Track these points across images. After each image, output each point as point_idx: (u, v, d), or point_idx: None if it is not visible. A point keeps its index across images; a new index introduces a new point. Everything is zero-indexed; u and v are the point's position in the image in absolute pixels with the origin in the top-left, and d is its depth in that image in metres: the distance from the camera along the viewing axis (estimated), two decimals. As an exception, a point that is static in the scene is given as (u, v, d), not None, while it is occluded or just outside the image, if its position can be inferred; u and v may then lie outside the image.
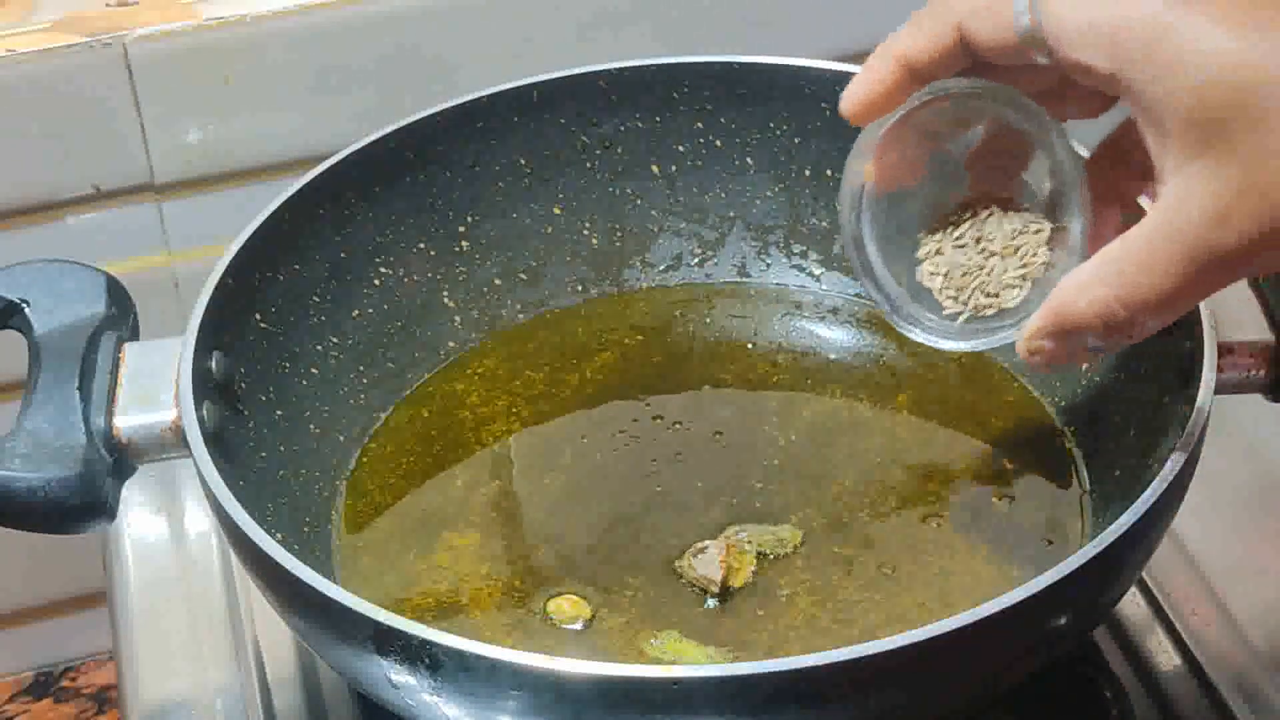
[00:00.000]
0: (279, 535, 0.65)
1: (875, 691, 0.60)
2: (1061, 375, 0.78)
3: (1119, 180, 0.66)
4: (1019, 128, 0.66)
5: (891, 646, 0.58)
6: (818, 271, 0.86)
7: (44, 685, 1.10)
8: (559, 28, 0.96)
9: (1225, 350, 0.69)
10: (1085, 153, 0.68)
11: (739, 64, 0.83)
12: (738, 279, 0.86)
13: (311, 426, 0.77)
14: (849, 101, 0.65)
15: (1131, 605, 0.76)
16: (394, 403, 0.81)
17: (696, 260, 0.87)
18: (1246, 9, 0.56)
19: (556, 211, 0.85)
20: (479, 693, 0.60)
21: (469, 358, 0.83)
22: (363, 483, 0.78)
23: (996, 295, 0.67)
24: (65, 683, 1.10)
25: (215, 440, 0.68)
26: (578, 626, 0.71)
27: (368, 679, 0.63)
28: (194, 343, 0.70)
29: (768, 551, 0.73)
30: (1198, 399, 0.66)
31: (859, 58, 0.87)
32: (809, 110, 0.83)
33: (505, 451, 0.79)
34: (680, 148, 0.85)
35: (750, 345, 0.84)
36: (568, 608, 0.71)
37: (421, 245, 0.82)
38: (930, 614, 0.70)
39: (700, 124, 0.85)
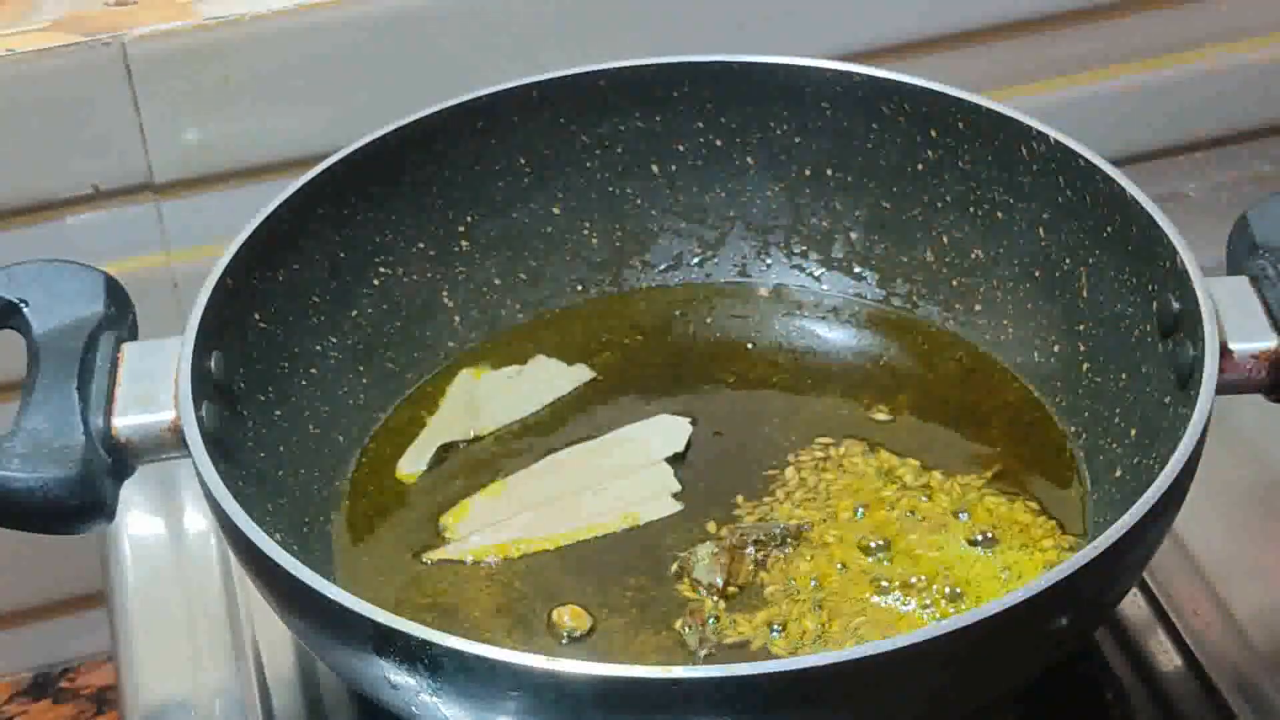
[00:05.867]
0: (278, 536, 0.65)
1: (876, 692, 0.60)
2: (1063, 375, 0.78)
3: None
4: None
5: (892, 647, 0.58)
6: (818, 272, 0.86)
7: (42, 686, 1.10)
8: (559, 28, 0.96)
9: (1227, 351, 0.69)
10: None
11: (739, 64, 0.83)
12: (738, 279, 0.86)
13: (311, 427, 0.77)
14: None
15: (1132, 605, 0.76)
16: (394, 403, 0.81)
17: (696, 260, 0.86)
18: None
19: (556, 211, 0.85)
20: (478, 694, 0.60)
21: (469, 358, 0.83)
22: (363, 483, 0.78)
23: None
24: (64, 684, 1.10)
25: (214, 440, 0.68)
26: (578, 633, 0.70)
27: (367, 680, 0.63)
28: (193, 343, 0.69)
29: (768, 551, 0.73)
30: (1199, 400, 0.66)
31: (859, 58, 0.87)
32: (809, 110, 0.83)
33: (505, 452, 0.79)
34: (680, 148, 0.85)
35: (750, 345, 0.84)
36: (569, 619, 0.71)
37: (421, 245, 0.82)
38: (930, 615, 0.70)
39: (700, 124, 0.84)
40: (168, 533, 0.84)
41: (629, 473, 0.77)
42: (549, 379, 0.82)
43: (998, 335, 0.82)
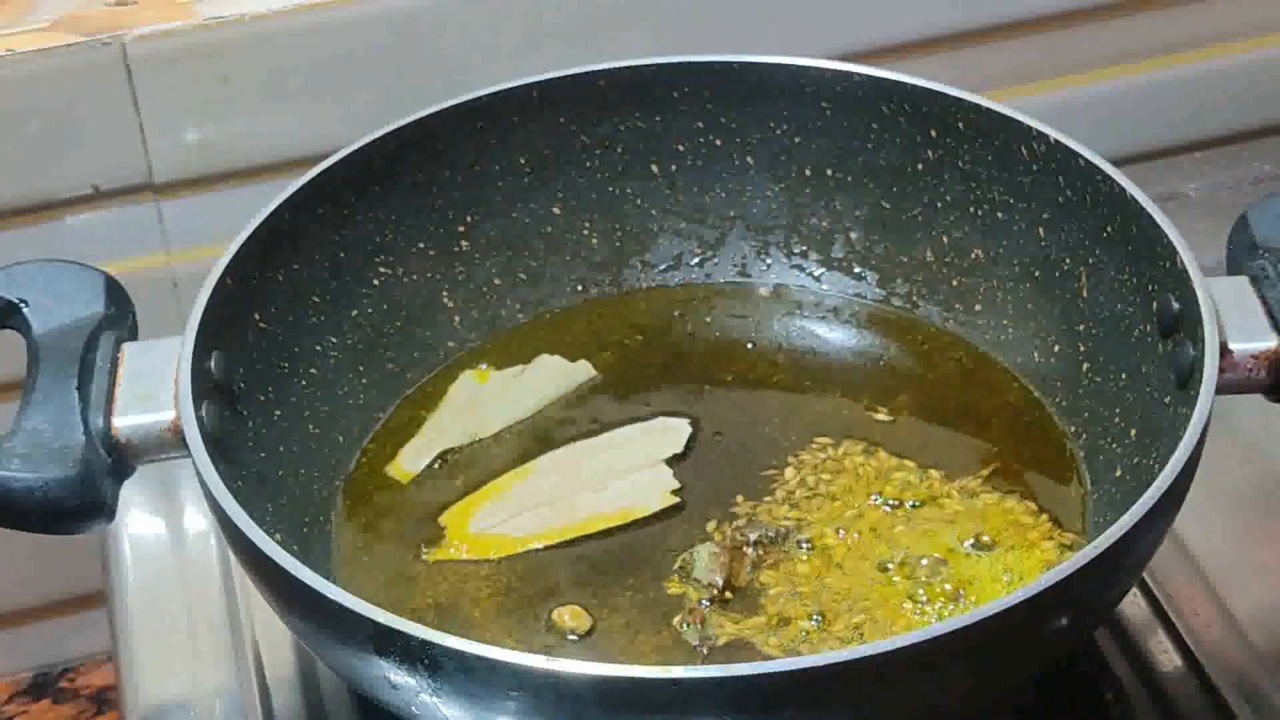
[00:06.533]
0: (278, 536, 0.65)
1: (876, 692, 0.60)
2: (1063, 375, 0.78)
3: None
4: None
5: (892, 647, 0.58)
6: (818, 272, 0.86)
7: (42, 686, 1.10)
8: (559, 28, 0.96)
9: (1227, 351, 0.69)
10: None
11: (739, 64, 0.83)
12: (738, 279, 0.86)
13: (311, 427, 0.77)
14: None
15: (1132, 605, 0.76)
16: (394, 403, 0.81)
17: (696, 260, 0.86)
18: None
19: (556, 211, 0.85)
20: (479, 694, 0.60)
21: (469, 358, 0.83)
22: (362, 483, 0.78)
23: None
24: (64, 684, 1.10)
25: (214, 440, 0.68)
26: (578, 633, 0.70)
27: (367, 680, 0.63)
28: (193, 343, 0.69)
29: (768, 552, 0.73)
30: (1199, 400, 0.66)
31: (859, 58, 0.87)
32: (809, 110, 0.83)
33: (505, 451, 0.79)
34: (680, 148, 0.85)
35: (750, 345, 0.84)
36: (569, 619, 0.71)
37: (421, 245, 0.82)
38: (931, 615, 0.70)
39: (700, 124, 0.84)
40: (168, 533, 0.84)
41: (629, 473, 0.77)
42: (551, 378, 0.82)
43: (998, 335, 0.82)
